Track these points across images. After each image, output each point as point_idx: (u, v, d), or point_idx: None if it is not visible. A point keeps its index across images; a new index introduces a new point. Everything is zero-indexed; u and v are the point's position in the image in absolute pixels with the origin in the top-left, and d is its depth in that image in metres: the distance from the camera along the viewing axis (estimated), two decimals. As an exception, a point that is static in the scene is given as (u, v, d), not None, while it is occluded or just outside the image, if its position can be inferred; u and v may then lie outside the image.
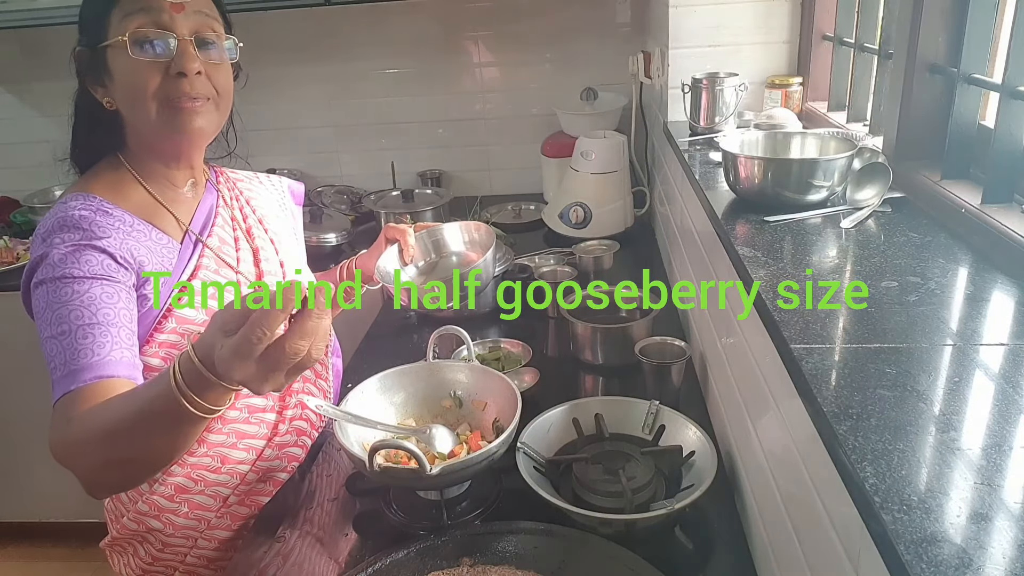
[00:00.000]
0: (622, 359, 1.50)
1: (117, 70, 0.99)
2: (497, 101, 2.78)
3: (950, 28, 1.10)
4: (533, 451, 1.17)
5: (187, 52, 0.99)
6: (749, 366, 1.01)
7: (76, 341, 0.90)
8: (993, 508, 0.52)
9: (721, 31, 1.80)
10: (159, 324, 1.02)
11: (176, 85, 0.99)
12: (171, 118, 1.01)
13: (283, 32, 2.70)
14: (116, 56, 0.98)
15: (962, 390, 0.66)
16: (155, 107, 1.00)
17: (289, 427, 1.23)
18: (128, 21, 0.97)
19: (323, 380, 1.31)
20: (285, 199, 1.34)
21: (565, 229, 2.22)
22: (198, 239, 1.09)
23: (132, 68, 0.98)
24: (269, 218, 1.24)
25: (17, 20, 2.32)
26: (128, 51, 0.96)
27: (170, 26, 0.98)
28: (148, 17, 0.97)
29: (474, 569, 0.98)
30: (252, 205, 1.22)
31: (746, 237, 1.06)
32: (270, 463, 1.21)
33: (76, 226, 0.97)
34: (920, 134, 1.17)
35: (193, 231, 1.09)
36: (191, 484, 1.14)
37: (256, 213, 1.21)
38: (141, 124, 1.03)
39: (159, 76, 0.98)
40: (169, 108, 1.00)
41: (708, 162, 1.52)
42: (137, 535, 1.17)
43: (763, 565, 0.97)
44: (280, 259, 1.20)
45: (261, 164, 2.84)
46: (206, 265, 1.09)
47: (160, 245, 1.05)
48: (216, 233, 1.13)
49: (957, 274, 0.88)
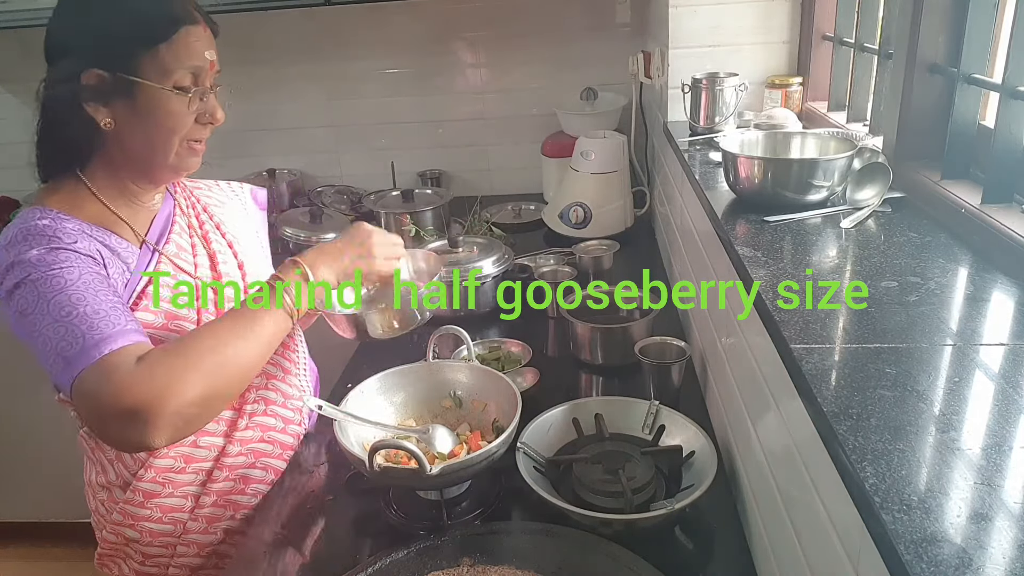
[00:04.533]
0: (622, 359, 1.50)
1: (148, 105, 1.02)
2: (497, 101, 2.77)
3: (950, 28, 1.10)
4: (533, 451, 1.17)
5: (216, 104, 1.09)
6: (749, 366, 1.01)
7: (90, 317, 0.91)
8: (993, 508, 0.52)
9: (721, 31, 1.80)
10: None
11: (201, 131, 1.09)
12: (186, 158, 1.09)
13: (283, 32, 2.70)
14: (150, 93, 1.01)
15: (962, 390, 0.66)
16: (178, 145, 1.07)
17: (250, 422, 1.21)
18: (176, 69, 1.02)
19: (293, 376, 1.30)
20: (247, 204, 1.37)
21: (565, 229, 2.22)
22: (154, 248, 1.12)
23: (171, 110, 1.03)
24: (228, 223, 1.26)
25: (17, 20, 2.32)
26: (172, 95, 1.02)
27: (206, 80, 1.06)
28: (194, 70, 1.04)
29: (474, 569, 0.98)
30: (209, 211, 1.25)
31: (746, 237, 1.06)
32: (237, 461, 1.20)
33: (41, 234, 0.98)
34: (920, 134, 1.17)
35: (150, 241, 1.12)
36: (159, 488, 1.14)
37: (213, 219, 1.24)
38: (153, 156, 1.07)
39: (190, 118, 1.06)
40: (187, 149, 1.09)
41: (708, 162, 1.52)
42: (118, 550, 1.18)
43: (763, 565, 0.97)
44: (239, 261, 1.22)
45: (261, 164, 2.85)
46: (162, 271, 1.11)
47: (121, 248, 1.07)
48: (173, 240, 1.15)
49: (957, 274, 0.88)
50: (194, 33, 1.04)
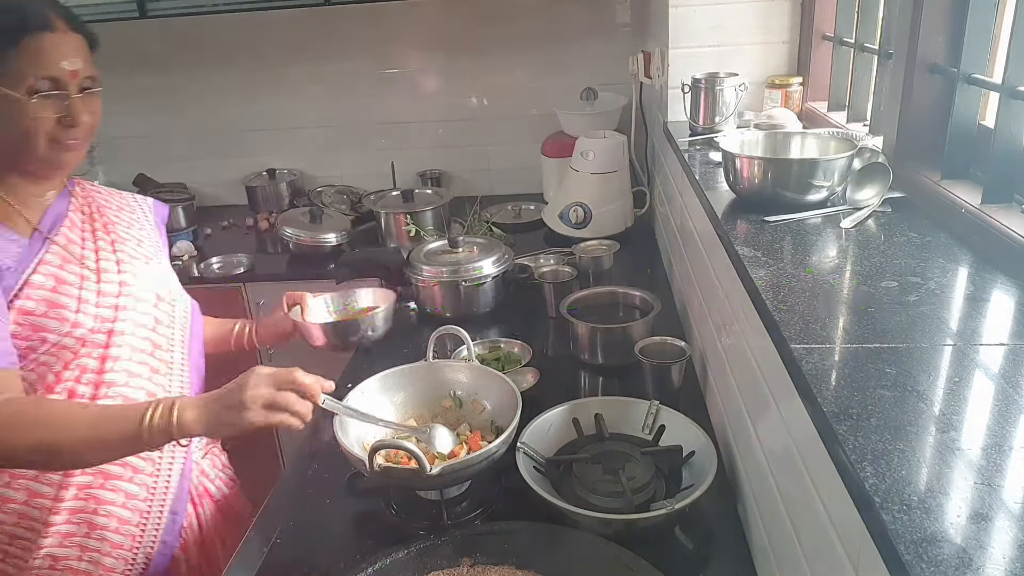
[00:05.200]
0: (622, 359, 1.50)
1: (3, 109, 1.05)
2: (497, 101, 2.77)
3: (950, 28, 1.10)
4: (533, 451, 1.17)
5: (80, 108, 1.09)
6: (749, 366, 1.01)
7: None
8: (993, 508, 0.52)
9: (721, 31, 1.80)
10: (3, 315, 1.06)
11: (67, 132, 1.09)
12: (57, 156, 1.11)
13: (283, 32, 2.70)
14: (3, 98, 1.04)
15: (962, 390, 0.66)
16: (43, 144, 1.08)
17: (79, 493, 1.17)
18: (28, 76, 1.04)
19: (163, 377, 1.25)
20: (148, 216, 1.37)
21: (565, 229, 2.22)
22: (46, 236, 1.14)
23: (24, 114, 1.05)
24: (118, 225, 1.27)
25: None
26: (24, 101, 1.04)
27: (66, 85, 1.07)
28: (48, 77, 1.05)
29: (474, 569, 0.98)
30: (101, 212, 1.26)
31: (746, 237, 1.06)
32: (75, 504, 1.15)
33: None
34: (920, 134, 1.17)
35: (42, 230, 1.14)
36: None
37: (102, 219, 1.25)
38: (19, 155, 1.10)
39: (51, 121, 1.07)
40: (56, 146, 1.10)
41: (708, 162, 1.52)
42: None
43: (763, 565, 0.97)
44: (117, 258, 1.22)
45: (261, 164, 2.85)
46: (50, 260, 1.12)
47: (8, 241, 1.09)
48: (63, 232, 1.17)
49: (957, 274, 0.88)
50: (48, 40, 1.05)
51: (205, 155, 2.93)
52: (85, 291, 1.14)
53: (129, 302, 1.19)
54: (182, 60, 2.70)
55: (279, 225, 2.41)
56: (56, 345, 1.10)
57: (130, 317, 1.19)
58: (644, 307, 1.61)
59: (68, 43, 1.08)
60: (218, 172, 2.93)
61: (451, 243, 1.84)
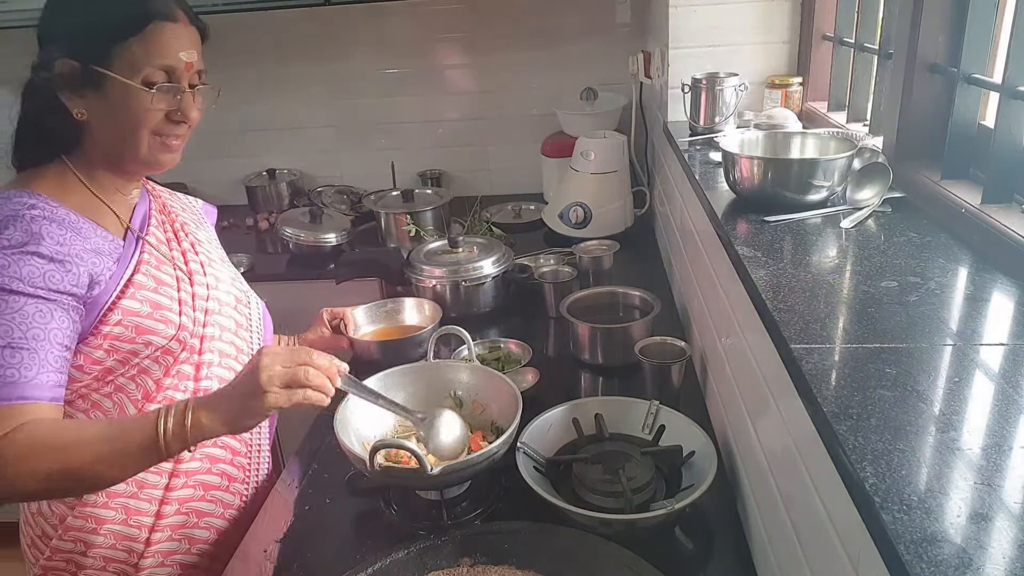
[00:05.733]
0: (622, 359, 1.50)
1: (116, 98, 1.01)
2: (497, 101, 2.77)
3: (950, 28, 1.10)
4: (533, 451, 1.17)
5: (191, 103, 1.06)
6: (749, 366, 1.01)
7: (3, 359, 0.91)
8: (993, 508, 0.52)
9: (721, 31, 1.80)
10: (104, 317, 1.02)
11: (173, 128, 1.07)
12: (158, 153, 1.07)
13: (283, 32, 2.70)
14: (120, 86, 1.00)
15: (962, 390, 0.66)
16: (147, 141, 1.05)
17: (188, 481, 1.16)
18: (145, 65, 1.01)
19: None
20: (201, 218, 1.35)
21: (565, 229, 2.22)
22: (139, 236, 1.11)
23: (138, 105, 1.02)
24: (190, 227, 1.26)
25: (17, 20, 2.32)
26: (139, 90, 1.01)
27: (180, 78, 1.04)
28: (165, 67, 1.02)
29: (474, 569, 0.98)
30: (173, 212, 1.24)
31: (746, 237, 1.06)
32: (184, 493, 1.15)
33: (18, 226, 0.96)
34: (920, 134, 1.17)
35: (134, 228, 1.12)
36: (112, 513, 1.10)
37: (178, 219, 1.23)
38: (123, 149, 1.06)
39: (160, 115, 1.04)
40: (159, 144, 1.07)
41: (708, 162, 1.52)
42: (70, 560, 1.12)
43: (763, 565, 0.97)
44: (200, 260, 1.20)
45: (261, 164, 2.85)
46: (147, 260, 1.10)
47: (105, 241, 1.05)
48: (153, 232, 1.15)
49: (957, 274, 0.88)
50: (170, 30, 1.02)
51: (205, 155, 2.92)
52: (183, 292, 1.12)
53: (215, 305, 1.17)
54: (182, 60, 2.70)
55: (279, 225, 2.41)
56: (161, 349, 1.07)
57: (218, 321, 1.17)
58: (644, 307, 1.61)
59: (187, 35, 1.05)
60: (218, 172, 2.93)
61: (451, 243, 1.84)
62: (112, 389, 1.06)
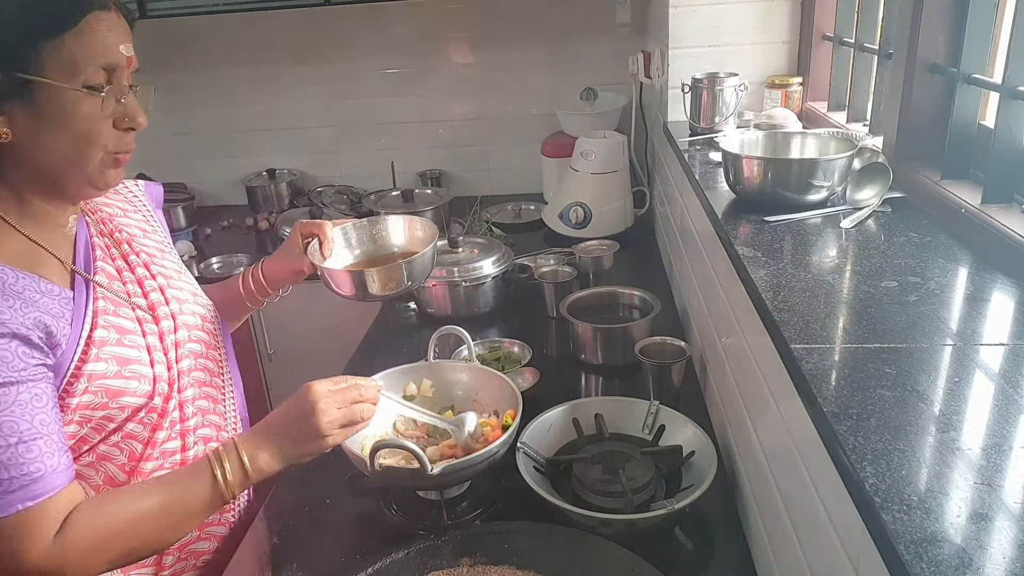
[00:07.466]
0: (622, 359, 1.50)
1: (51, 109, 0.85)
2: (497, 101, 2.77)
3: (950, 28, 1.10)
4: (533, 451, 1.17)
5: (137, 107, 0.91)
6: (749, 366, 1.01)
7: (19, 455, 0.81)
8: (993, 508, 0.52)
9: (721, 31, 1.80)
10: (69, 387, 0.88)
11: (124, 139, 0.92)
12: (107, 170, 0.92)
13: (283, 32, 2.70)
14: (55, 94, 0.84)
15: (962, 390, 0.66)
16: (99, 158, 0.90)
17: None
18: (86, 65, 0.85)
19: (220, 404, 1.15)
20: (143, 208, 1.17)
21: (565, 229, 2.22)
22: (87, 279, 0.95)
23: (81, 114, 0.86)
24: (138, 238, 1.08)
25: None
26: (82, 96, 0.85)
27: (122, 78, 0.89)
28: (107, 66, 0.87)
29: (474, 569, 0.98)
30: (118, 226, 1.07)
31: (746, 237, 1.06)
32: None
33: None
34: (920, 134, 1.17)
35: (79, 270, 0.95)
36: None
37: (122, 234, 1.06)
38: (64, 170, 0.89)
39: (107, 126, 0.89)
40: (110, 161, 0.91)
41: (708, 162, 1.52)
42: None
43: (763, 565, 0.97)
44: (158, 284, 1.05)
45: (261, 164, 2.85)
46: (103, 308, 0.94)
47: (53, 299, 0.88)
48: (100, 268, 0.98)
49: (957, 274, 0.88)
50: (105, 21, 0.86)
51: (205, 155, 2.93)
52: (150, 336, 0.98)
53: (184, 335, 1.05)
54: (182, 60, 2.69)
55: (279, 225, 2.41)
56: (142, 408, 0.95)
57: (190, 350, 1.06)
58: (644, 307, 1.61)
59: (122, 25, 0.89)
60: (218, 172, 2.93)
61: (451, 243, 1.84)
62: (94, 459, 0.95)
